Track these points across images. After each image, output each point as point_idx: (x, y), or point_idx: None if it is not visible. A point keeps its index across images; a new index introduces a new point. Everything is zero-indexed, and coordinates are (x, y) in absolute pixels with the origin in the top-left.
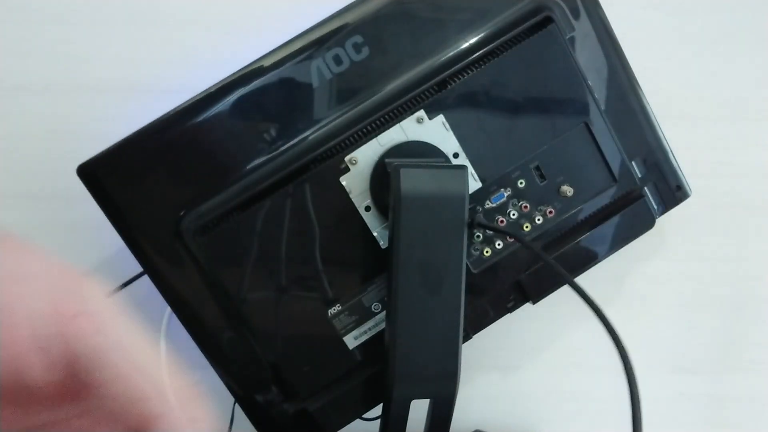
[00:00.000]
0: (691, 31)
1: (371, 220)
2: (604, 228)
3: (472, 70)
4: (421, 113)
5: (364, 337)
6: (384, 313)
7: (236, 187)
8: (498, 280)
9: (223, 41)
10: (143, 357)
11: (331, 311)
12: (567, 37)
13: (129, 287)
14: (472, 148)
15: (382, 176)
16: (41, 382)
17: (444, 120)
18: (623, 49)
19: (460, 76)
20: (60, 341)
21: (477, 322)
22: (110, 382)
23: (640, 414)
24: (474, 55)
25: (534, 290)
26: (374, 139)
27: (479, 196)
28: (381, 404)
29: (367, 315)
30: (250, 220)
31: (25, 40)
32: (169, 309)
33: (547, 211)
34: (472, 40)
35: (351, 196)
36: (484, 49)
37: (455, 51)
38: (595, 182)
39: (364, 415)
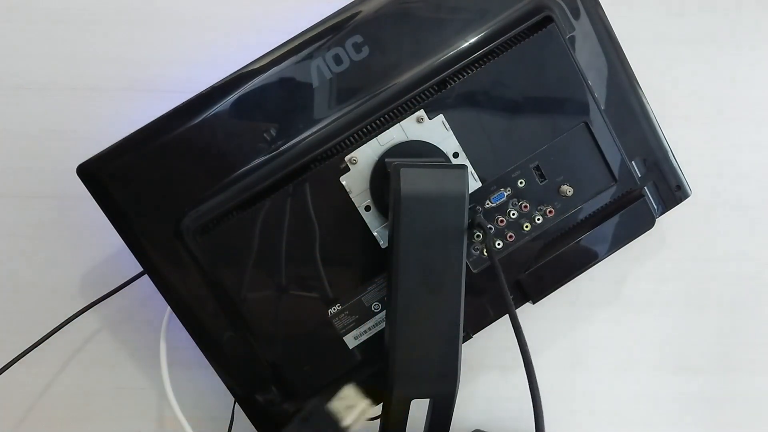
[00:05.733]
0: (691, 31)
1: (371, 220)
2: (604, 228)
3: (472, 70)
4: (421, 113)
5: (364, 337)
6: (384, 312)
7: (236, 187)
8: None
9: (223, 41)
10: None
11: (331, 311)
12: (567, 37)
13: (129, 287)
14: (472, 147)
15: (382, 176)
16: None
17: (444, 120)
18: (623, 49)
19: (460, 76)
20: None
21: (477, 322)
22: None
23: None
24: (474, 55)
25: (534, 290)
26: (374, 139)
27: (479, 196)
28: (381, 404)
29: (367, 315)
30: (250, 220)
31: (25, 40)
32: (169, 309)
33: (547, 211)
34: (472, 40)
35: (351, 195)
36: (484, 49)
37: (455, 51)
38: (595, 182)
39: None
